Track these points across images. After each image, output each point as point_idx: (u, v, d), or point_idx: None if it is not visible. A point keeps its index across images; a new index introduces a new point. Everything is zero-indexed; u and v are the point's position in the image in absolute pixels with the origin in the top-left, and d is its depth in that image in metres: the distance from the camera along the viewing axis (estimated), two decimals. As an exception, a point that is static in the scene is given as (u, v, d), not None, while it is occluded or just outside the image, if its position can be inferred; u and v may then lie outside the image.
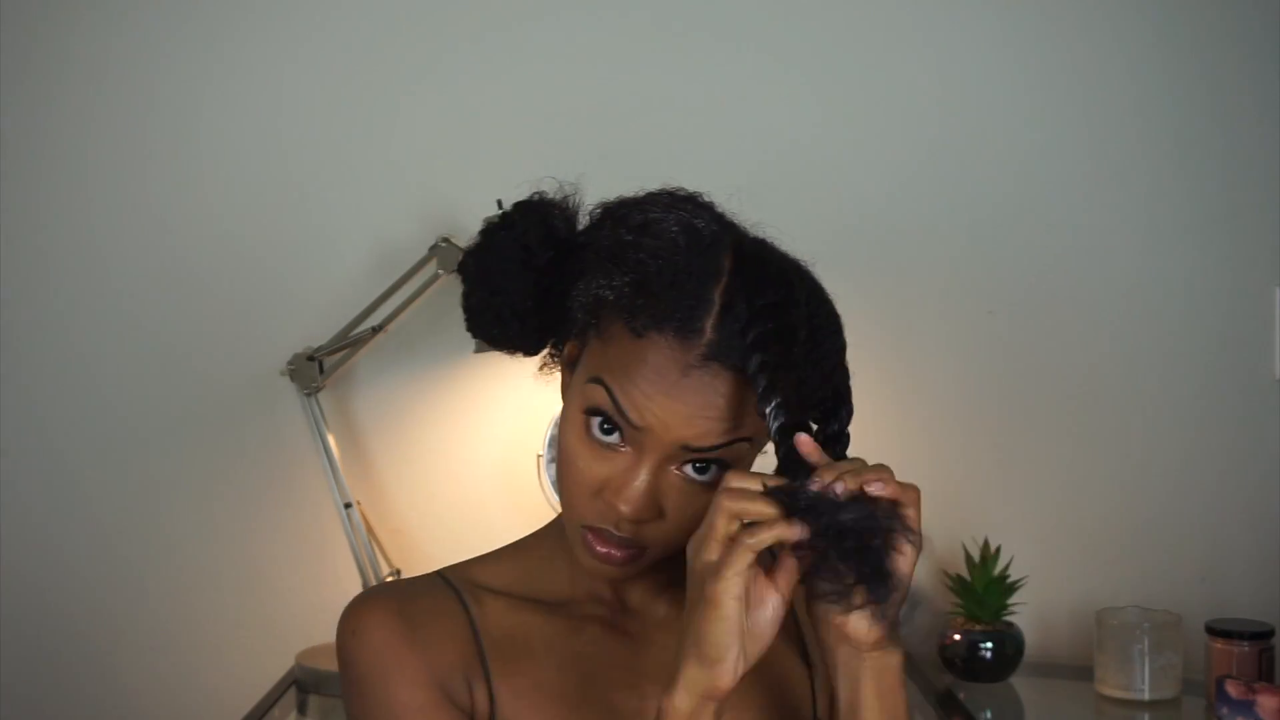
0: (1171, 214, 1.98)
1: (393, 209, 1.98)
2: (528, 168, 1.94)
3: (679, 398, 0.87)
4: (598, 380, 0.90)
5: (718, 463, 0.90)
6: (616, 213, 0.94)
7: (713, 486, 0.89)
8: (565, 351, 0.98)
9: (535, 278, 0.95)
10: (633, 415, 0.88)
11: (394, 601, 0.97)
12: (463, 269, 1.00)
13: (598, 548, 0.92)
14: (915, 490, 0.85)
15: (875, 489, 0.82)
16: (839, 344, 0.95)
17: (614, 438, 0.90)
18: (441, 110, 1.99)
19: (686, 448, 0.88)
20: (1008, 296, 1.99)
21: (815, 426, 0.94)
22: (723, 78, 2.00)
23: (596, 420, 0.90)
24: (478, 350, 1.75)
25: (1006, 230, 1.99)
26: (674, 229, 0.90)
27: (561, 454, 0.93)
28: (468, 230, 1.66)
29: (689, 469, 0.90)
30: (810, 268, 0.96)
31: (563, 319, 0.95)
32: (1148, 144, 1.98)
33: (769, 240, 0.96)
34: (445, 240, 1.86)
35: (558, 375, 1.00)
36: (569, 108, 1.99)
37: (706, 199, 0.97)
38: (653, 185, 0.97)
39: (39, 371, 1.99)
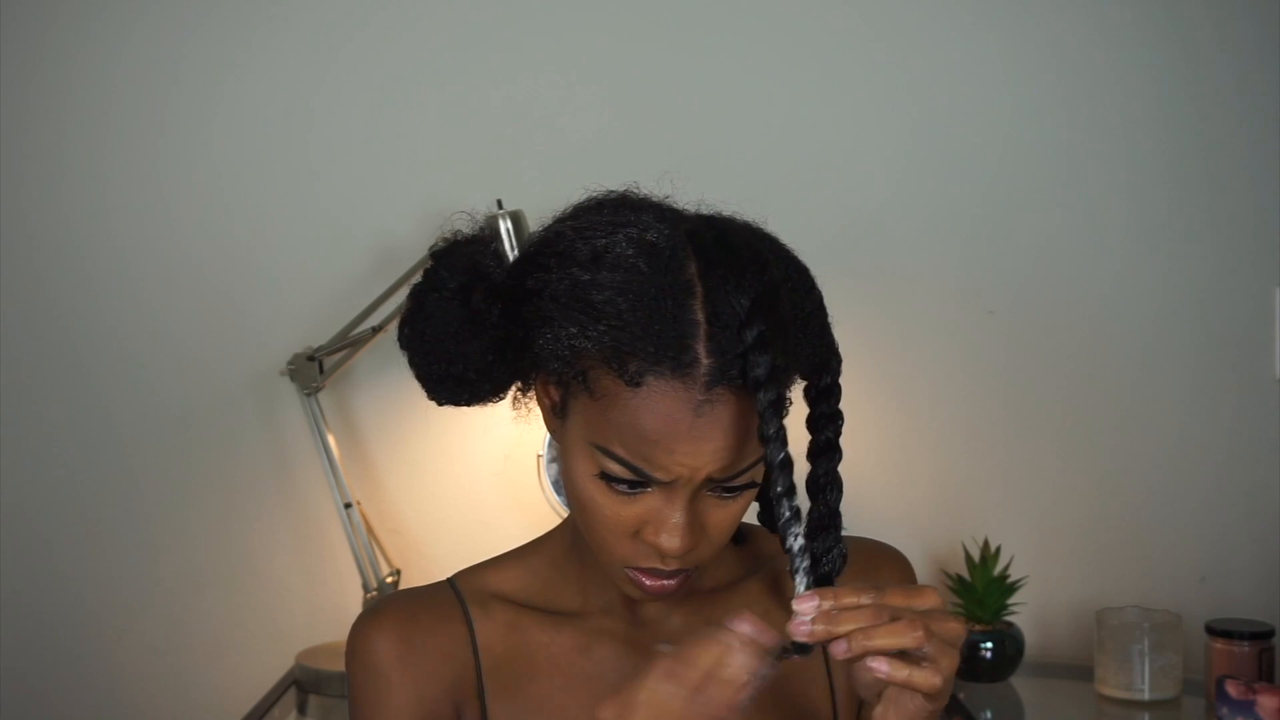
0: (1172, 214, 1.98)
1: (393, 209, 1.98)
2: (528, 168, 1.96)
3: (698, 438, 0.84)
4: (606, 451, 0.86)
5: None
6: (559, 248, 0.87)
7: (747, 495, 0.89)
8: (543, 390, 0.93)
9: (489, 333, 0.90)
10: (659, 474, 0.85)
11: (393, 621, 0.97)
12: (406, 342, 0.93)
13: (648, 583, 0.90)
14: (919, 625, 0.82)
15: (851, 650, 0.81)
16: (817, 297, 0.90)
17: (638, 489, 0.87)
18: (441, 110, 1.99)
19: (713, 479, 0.86)
20: (1008, 296, 1.99)
21: (807, 383, 0.92)
22: (723, 77, 2.00)
23: (615, 482, 0.87)
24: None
25: (1006, 230, 1.99)
26: (629, 253, 0.84)
27: (581, 502, 0.90)
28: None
29: (722, 491, 0.88)
30: (764, 226, 0.92)
31: (528, 363, 0.91)
32: (1148, 143, 1.97)
33: (715, 213, 0.91)
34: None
35: (535, 410, 0.96)
36: (568, 107, 1.99)
37: (639, 194, 0.92)
38: (652, 184, 0.95)
39: (38, 369, 1.98)
